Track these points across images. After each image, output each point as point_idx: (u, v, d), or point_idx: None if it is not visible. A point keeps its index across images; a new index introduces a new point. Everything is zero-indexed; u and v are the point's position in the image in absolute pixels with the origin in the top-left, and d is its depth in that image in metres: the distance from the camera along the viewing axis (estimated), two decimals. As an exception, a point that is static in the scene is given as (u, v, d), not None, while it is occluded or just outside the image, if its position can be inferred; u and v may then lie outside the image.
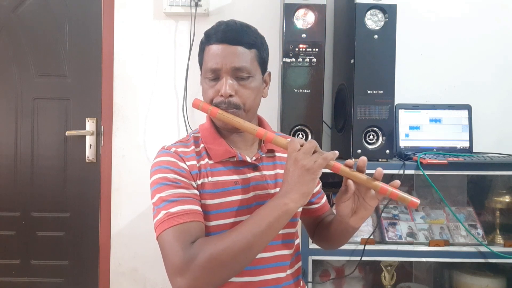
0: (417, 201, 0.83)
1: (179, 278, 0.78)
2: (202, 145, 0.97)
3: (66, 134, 2.02)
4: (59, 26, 2.02)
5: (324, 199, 1.13)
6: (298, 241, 1.05)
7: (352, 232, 0.97)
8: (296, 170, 0.81)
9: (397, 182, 0.85)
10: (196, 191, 0.90)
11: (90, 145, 2.03)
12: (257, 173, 0.97)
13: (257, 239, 0.79)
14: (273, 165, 1.00)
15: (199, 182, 0.91)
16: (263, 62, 0.98)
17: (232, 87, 0.91)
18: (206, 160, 0.94)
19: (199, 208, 0.88)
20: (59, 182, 2.05)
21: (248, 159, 0.96)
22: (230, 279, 0.89)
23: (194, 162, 0.93)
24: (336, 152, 0.84)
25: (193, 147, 0.96)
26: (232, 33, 0.92)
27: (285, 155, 0.98)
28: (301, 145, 0.84)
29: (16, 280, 2.05)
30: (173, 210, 0.84)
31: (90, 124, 2.02)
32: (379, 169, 0.85)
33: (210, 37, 0.94)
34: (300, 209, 1.04)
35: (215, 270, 0.78)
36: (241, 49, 0.92)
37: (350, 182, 0.85)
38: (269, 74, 1.02)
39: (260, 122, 1.04)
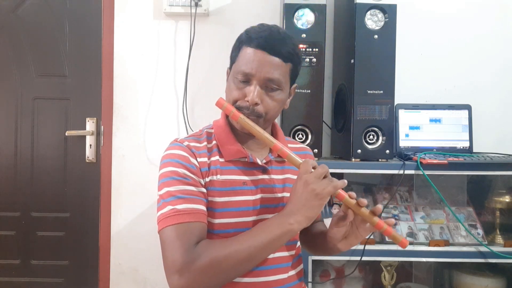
0: (407, 242, 0.87)
1: (177, 276, 0.79)
2: (214, 142, 0.98)
3: (66, 134, 2.01)
4: (59, 26, 2.02)
5: None
6: (299, 243, 1.05)
7: (337, 252, 0.98)
8: (305, 192, 0.83)
9: (392, 220, 0.88)
10: (203, 189, 0.91)
11: (90, 145, 2.03)
12: (265, 176, 0.97)
13: (258, 252, 0.83)
14: (282, 169, 1.01)
15: (207, 179, 0.92)
16: (294, 76, 0.98)
17: (260, 96, 0.92)
18: (217, 157, 0.95)
19: (204, 208, 0.89)
20: (59, 182, 2.05)
21: (259, 161, 0.97)
22: (232, 280, 0.90)
23: (205, 159, 0.94)
24: (345, 181, 0.86)
25: (205, 143, 0.97)
26: (274, 42, 0.91)
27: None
28: (313, 167, 0.85)
29: (16, 280, 2.05)
30: (179, 207, 0.85)
31: (90, 124, 2.02)
32: (378, 207, 0.87)
33: (251, 39, 0.92)
34: None
35: (213, 275, 0.80)
36: (278, 61, 0.91)
37: (350, 212, 0.87)
38: (296, 87, 1.03)
39: (273, 128, 1.05)
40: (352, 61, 1.54)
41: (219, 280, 0.82)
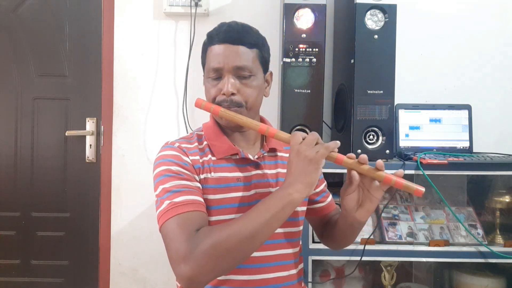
0: (422, 189, 0.83)
1: (182, 264, 0.77)
2: (205, 143, 0.98)
3: (66, 134, 2.02)
4: (59, 26, 2.02)
5: (330, 198, 1.13)
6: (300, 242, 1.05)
7: (359, 228, 0.97)
8: (299, 161, 0.83)
9: (401, 171, 0.86)
10: (198, 184, 0.91)
11: (90, 145, 2.03)
12: (259, 171, 0.98)
13: (262, 228, 0.80)
14: (274, 164, 1.01)
15: (201, 176, 0.93)
16: (264, 62, 0.99)
17: (234, 86, 0.93)
18: (209, 156, 0.96)
19: (201, 199, 0.89)
20: (59, 182, 2.05)
21: (251, 157, 0.97)
22: (231, 277, 0.91)
23: (197, 157, 0.94)
24: (338, 142, 0.85)
25: (196, 143, 0.98)
26: (234, 33, 0.94)
27: (287, 155, 0.99)
28: (303, 138, 0.85)
29: (16, 280, 2.05)
30: (176, 200, 0.85)
31: (90, 124, 2.02)
32: (379, 161, 0.85)
33: (213, 38, 0.96)
34: (304, 209, 1.04)
35: (218, 257, 0.78)
36: (242, 48, 0.93)
37: (355, 173, 0.86)
38: (271, 74, 1.04)
39: (262, 122, 1.04)
40: (352, 61, 1.54)
41: (226, 262, 0.79)
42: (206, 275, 0.79)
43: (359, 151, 1.54)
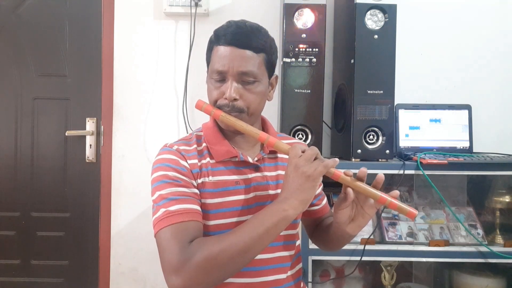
0: (415, 212, 0.83)
1: (174, 276, 0.78)
2: (204, 144, 0.97)
3: (66, 134, 2.02)
4: (59, 26, 2.03)
5: (325, 200, 1.13)
6: (298, 242, 1.05)
7: (349, 239, 0.97)
8: (296, 176, 0.82)
9: (396, 192, 0.85)
10: (196, 190, 0.90)
11: (90, 145, 2.03)
12: (258, 174, 0.97)
13: (255, 243, 0.80)
14: (275, 166, 1.00)
15: (199, 181, 0.91)
16: (271, 66, 0.97)
17: (237, 91, 0.91)
18: (208, 159, 0.94)
19: (198, 207, 0.88)
20: (59, 182, 2.05)
21: (250, 160, 0.96)
22: (230, 280, 0.90)
23: (196, 160, 0.93)
24: (337, 159, 0.84)
25: (195, 145, 0.96)
26: (241, 36, 0.91)
27: (287, 157, 0.99)
28: (303, 151, 0.84)
29: (16, 280, 2.05)
30: (172, 208, 0.84)
31: (90, 124, 2.02)
32: (380, 175, 0.84)
33: (219, 37, 0.93)
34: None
35: (210, 270, 0.78)
36: (249, 53, 0.91)
37: (350, 190, 0.85)
38: (276, 77, 1.02)
39: (264, 124, 1.04)
40: (352, 61, 1.54)
41: (218, 275, 0.80)
42: (197, 287, 0.79)
43: (359, 151, 1.54)
